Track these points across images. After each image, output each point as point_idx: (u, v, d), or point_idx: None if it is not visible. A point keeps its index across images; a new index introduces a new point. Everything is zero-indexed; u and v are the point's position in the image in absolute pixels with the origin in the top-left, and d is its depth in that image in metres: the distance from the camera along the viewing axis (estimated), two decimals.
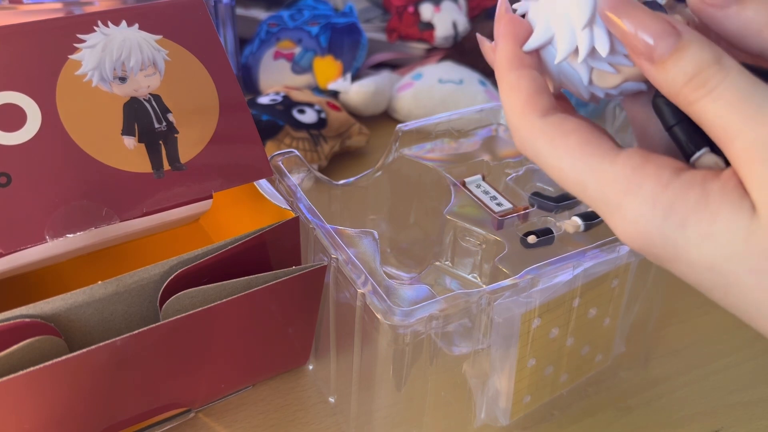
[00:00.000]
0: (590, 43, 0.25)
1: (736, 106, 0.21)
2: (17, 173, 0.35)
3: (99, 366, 0.34)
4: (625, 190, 0.23)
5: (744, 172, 0.21)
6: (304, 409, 0.44)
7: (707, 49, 0.22)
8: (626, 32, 0.23)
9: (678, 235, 0.22)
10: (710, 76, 0.22)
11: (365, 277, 0.36)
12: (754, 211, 0.21)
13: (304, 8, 0.75)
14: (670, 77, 0.23)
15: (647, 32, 0.23)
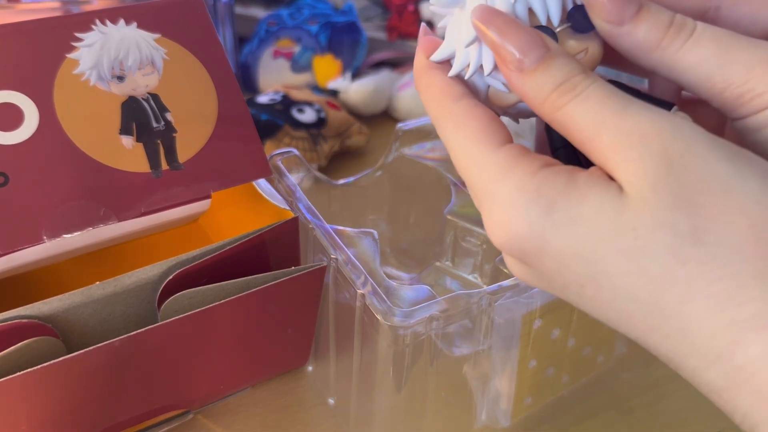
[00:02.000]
0: (477, 60, 0.25)
1: (603, 104, 0.22)
2: (15, 173, 0.35)
3: (97, 367, 0.34)
4: (498, 177, 0.23)
5: (611, 163, 0.22)
6: (304, 410, 0.44)
7: (574, 62, 0.23)
8: (495, 42, 0.24)
9: (545, 220, 0.22)
10: (578, 82, 0.23)
11: (365, 277, 0.35)
12: (622, 191, 0.21)
13: (303, 7, 0.75)
14: (537, 85, 0.23)
15: (516, 43, 0.23)
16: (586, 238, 0.21)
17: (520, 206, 0.22)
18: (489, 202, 0.23)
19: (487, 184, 0.23)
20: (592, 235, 0.21)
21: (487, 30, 0.24)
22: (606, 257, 0.21)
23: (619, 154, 0.21)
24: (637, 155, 0.21)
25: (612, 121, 0.22)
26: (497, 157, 0.23)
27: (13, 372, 0.31)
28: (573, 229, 0.22)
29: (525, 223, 0.22)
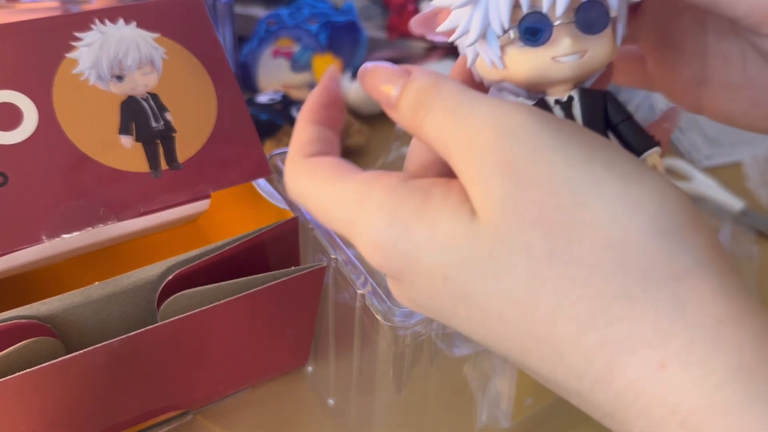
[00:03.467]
0: (464, 27, 0.24)
1: (448, 117, 0.21)
2: (14, 173, 0.35)
3: (96, 367, 0.34)
4: (357, 201, 0.22)
5: (463, 179, 0.21)
6: (303, 411, 0.44)
7: (426, 77, 0.22)
8: (371, 89, 0.24)
9: (405, 242, 0.21)
10: (425, 98, 0.22)
11: (365, 277, 0.35)
12: (474, 215, 0.20)
13: (303, 6, 0.75)
14: (402, 115, 0.23)
15: (384, 82, 0.23)
16: (447, 260, 0.20)
17: (381, 227, 0.21)
18: (355, 229, 0.22)
19: (349, 214, 0.22)
20: (451, 259, 0.20)
21: (363, 81, 0.24)
22: (469, 280, 0.20)
23: (465, 174, 0.20)
24: (479, 174, 0.20)
25: (456, 132, 0.21)
26: (353, 184, 0.23)
27: (12, 372, 0.31)
28: (433, 252, 0.21)
29: (390, 245, 0.21)
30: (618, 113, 0.24)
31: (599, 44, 0.23)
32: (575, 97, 0.23)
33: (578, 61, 0.23)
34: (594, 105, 0.23)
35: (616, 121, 0.24)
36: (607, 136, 0.24)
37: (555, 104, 0.24)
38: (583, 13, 0.23)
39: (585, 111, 0.23)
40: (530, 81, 0.24)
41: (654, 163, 0.23)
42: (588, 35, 0.23)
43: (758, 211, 0.65)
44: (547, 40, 0.23)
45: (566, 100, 0.23)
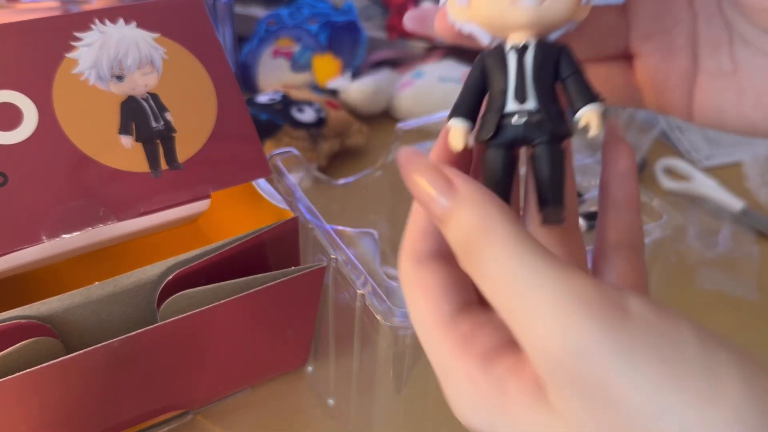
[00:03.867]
0: None
1: (503, 290, 0.20)
2: (13, 173, 0.35)
3: (96, 367, 0.34)
4: (443, 369, 0.22)
5: (535, 369, 0.20)
6: (303, 411, 0.44)
7: (477, 212, 0.21)
8: (410, 183, 0.22)
9: (489, 426, 0.21)
10: (477, 247, 0.20)
11: (365, 277, 0.35)
12: (550, 408, 0.20)
13: (303, 6, 0.75)
14: (451, 240, 0.22)
15: (427, 185, 0.22)
16: None
17: (464, 410, 0.22)
18: (445, 376, 0.22)
19: (439, 369, 0.23)
20: None
21: (402, 170, 0.22)
22: None
23: (537, 369, 0.19)
24: (554, 386, 0.19)
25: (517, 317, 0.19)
26: (444, 346, 0.22)
27: (12, 372, 0.31)
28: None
29: (476, 420, 0.22)
30: (568, 67, 0.23)
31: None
32: (530, 45, 0.23)
33: (536, 7, 0.23)
34: (546, 56, 0.23)
35: (564, 75, 0.23)
36: (555, 89, 0.24)
37: (510, 49, 0.23)
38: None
39: (537, 59, 0.23)
40: (490, 22, 0.24)
41: (588, 120, 0.23)
42: None
43: (758, 211, 0.65)
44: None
45: (521, 46, 0.23)
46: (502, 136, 0.23)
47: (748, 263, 0.58)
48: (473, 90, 0.24)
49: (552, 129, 0.23)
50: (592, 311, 0.19)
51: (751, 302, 0.54)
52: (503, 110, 0.23)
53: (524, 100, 0.23)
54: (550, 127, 0.23)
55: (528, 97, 0.23)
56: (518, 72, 0.23)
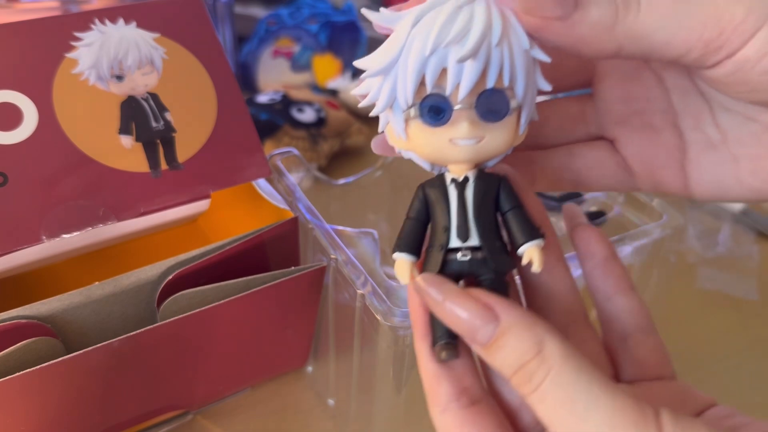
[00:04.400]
0: (374, 95, 0.24)
1: (561, 410, 0.21)
2: (13, 173, 0.35)
3: (96, 367, 0.34)
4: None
5: None
6: (303, 411, 0.44)
7: (527, 336, 0.21)
8: (444, 309, 0.22)
9: None
10: (532, 371, 0.21)
11: (365, 277, 0.35)
12: None
13: (303, 6, 0.75)
14: (497, 364, 0.22)
15: (466, 315, 0.22)
16: None
17: None
18: None
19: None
20: None
21: (436, 298, 0.22)
22: None
23: None
24: None
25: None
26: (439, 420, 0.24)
27: (12, 372, 0.31)
28: None
29: None
30: (508, 201, 0.24)
31: (498, 132, 0.23)
32: (470, 179, 0.24)
33: (475, 145, 0.23)
34: (487, 190, 0.24)
35: (505, 209, 0.24)
36: (497, 222, 0.24)
37: (451, 182, 0.24)
38: (483, 101, 0.23)
39: (477, 194, 0.24)
40: (429, 156, 0.24)
41: (531, 256, 0.24)
42: (487, 123, 0.23)
43: (758, 211, 0.65)
44: (446, 121, 0.23)
45: (462, 180, 0.24)
46: (447, 270, 0.24)
47: (748, 263, 0.58)
48: (416, 222, 0.25)
49: (495, 267, 0.24)
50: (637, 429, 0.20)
51: (751, 302, 0.54)
52: (447, 246, 0.24)
53: (467, 238, 0.24)
54: (493, 265, 0.24)
55: (471, 235, 0.24)
56: (460, 208, 0.24)
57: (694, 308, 0.53)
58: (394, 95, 0.23)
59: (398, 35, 0.23)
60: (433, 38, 0.22)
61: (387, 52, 0.23)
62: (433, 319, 0.24)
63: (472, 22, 0.22)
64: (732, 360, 0.49)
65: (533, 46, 0.23)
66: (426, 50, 0.22)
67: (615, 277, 0.26)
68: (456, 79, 0.22)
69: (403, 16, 0.23)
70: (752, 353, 0.50)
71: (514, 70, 0.23)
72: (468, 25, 0.22)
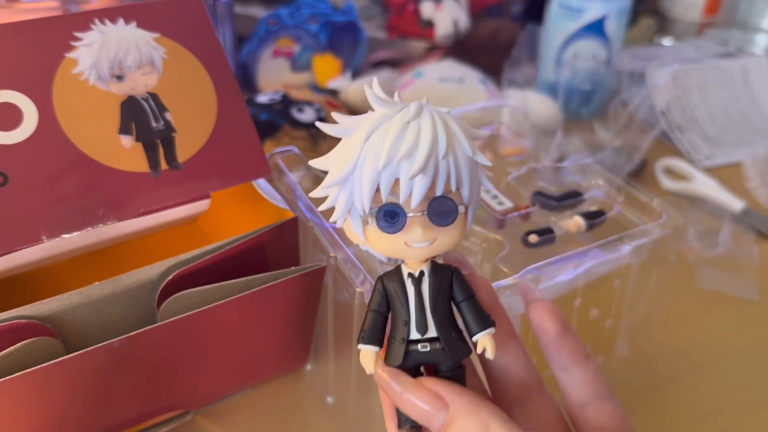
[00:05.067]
0: (333, 201, 0.26)
1: None
2: (14, 173, 0.35)
3: (96, 367, 0.34)
4: None
5: None
6: (303, 411, 0.44)
7: (474, 420, 0.24)
8: (401, 398, 0.25)
9: None
10: None
11: (363, 276, 0.35)
12: None
13: (303, 6, 0.75)
14: None
15: (420, 404, 0.25)
16: None
17: None
18: None
19: None
20: None
21: (396, 389, 0.25)
22: None
23: None
24: None
25: None
26: None
27: (12, 372, 0.31)
28: None
29: None
30: (461, 291, 0.26)
31: (448, 233, 0.26)
32: (425, 273, 0.26)
33: (428, 247, 0.26)
34: (441, 281, 0.26)
35: (458, 300, 0.26)
36: (452, 312, 0.26)
37: (408, 277, 0.26)
38: (433, 207, 0.25)
39: (433, 288, 0.26)
40: (386, 255, 0.27)
41: (485, 344, 0.26)
42: (435, 226, 0.25)
43: (758, 211, 0.65)
44: (401, 228, 0.25)
45: (418, 275, 0.26)
46: (409, 360, 0.26)
47: (748, 263, 0.58)
48: (377, 315, 0.27)
49: (452, 357, 0.26)
50: None
51: (751, 302, 0.54)
52: (408, 338, 0.26)
53: (426, 331, 0.26)
54: (450, 356, 0.26)
55: (429, 328, 0.26)
56: (417, 302, 0.26)
57: (694, 308, 0.53)
58: (351, 202, 0.25)
59: (351, 149, 0.25)
60: (384, 155, 0.24)
61: (341, 165, 0.25)
62: None
63: (419, 138, 0.24)
64: (732, 360, 0.49)
65: (475, 152, 0.25)
66: (379, 165, 0.24)
67: (568, 350, 0.28)
68: (408, 190, 0.24)
69: (355, 128, 0.25)
70: (752, 353, 0.50)
71: (460, 177, 0.25)
72: (416, 141, 0.24)
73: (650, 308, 0.46)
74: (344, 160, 0.25)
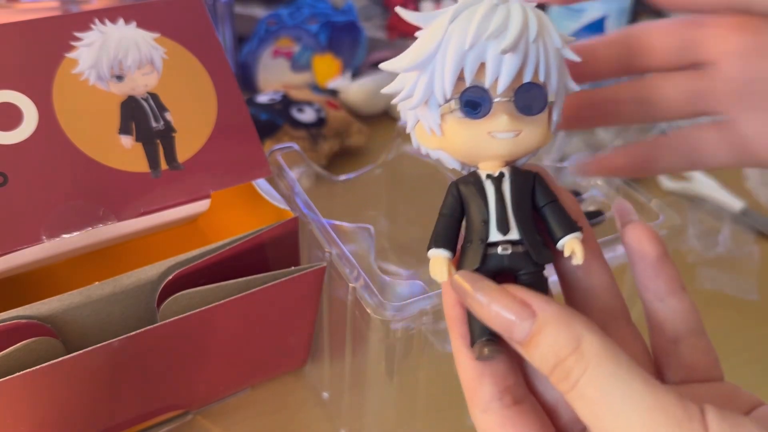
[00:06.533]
0: (410, 90, 0.24)
1: (600, 408, 0.20)
2: (14, 173, 0.35)
3: (96, 368, 0.34)
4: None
5: None
6: (303, 411, 0.44)
7: (564, 332, 0.21)
8: (482, 306, 0.22)
9: None
10: (570, 368, 0.21)
11: (357, 272, 0.35)
12: None
13: (303, 6, 0.75)
14: (536, 361, 0.21)
15: (504, 311, 0.22)
16: None
17: None
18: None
19: None
20: None
21: (475, 295, 0.22)
22: None
23: None
24: None
25: None
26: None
27: (12, 372, 0.31)
28: None
29: None
30: (544, 196, 0.24)
31: (534, 126, 0.24)
32: (506, 174, 0.24)
33: (513, 139, 0.23)
34: (524, 185, 0.24)
35: (542, 204, 0.24)
36: (534, 217, 0.24)
37: (487, 178, 0.24)
38: (522, 94, 0.23)
39: (514, 189, 0.24)
40: (465, 152, 0.24)
41: (573, 248, 0.24)
42: (524, 116, 0.23)
43: (758, 211, 0.65)
44: (485, 114, 0.23)
45: (497, 175, 0.24)
46: (487, 265, 0.24)
47: (748, 263, 0.58)
48: (451, 219, 0.24)
49: (536, 260, 0.24)
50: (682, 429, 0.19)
51: (751, 302, 0.54)
52: (487, 240, 0.24)
53: (507, 231, 0.23)
54: (535, 258, 0.23)
55: (511, 228, 0.23)
56: (498, 202, 0.24)
57: None
58: (431, 89, 0.23)
59: (434, 31, 0.23)
60: (472, 33, 0.22)
61: (423, 47, 0.23)
62: (471, 318, 0.24)
63: (510, 18, 0.22)
64: (732, 360, 0.49)
65: (565, 45, 0.23)
66: (465, 44, 0.22)
67: (667, 278, 0.25)
68: (495, 72, 0.23)
69: (438, 15, 0.23)
70: (752, 353, 0.50)
71: (549, 67, 0.23)
72: (506, 21, 0.22)
73: None
74: (426, 44, 0.23)
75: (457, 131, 0.24)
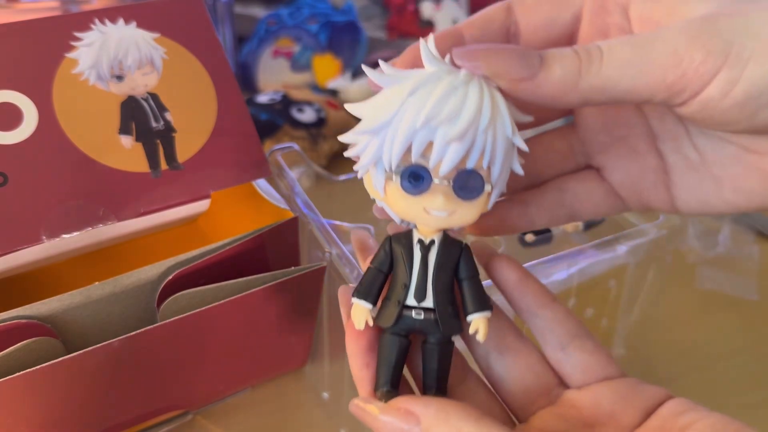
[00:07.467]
0: (361, 149, 0.25)
1: None
2: (14, 173, 0.35)
3: (96, 368, 0.34)
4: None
5: None
6: (303, 411, 0.44)
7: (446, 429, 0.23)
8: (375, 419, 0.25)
9: None
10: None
11: (358, 272, 0.35)
12: None
13: (303, 6, 0.75)
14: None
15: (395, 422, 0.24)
16: None
17: None
18: None
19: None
20: None
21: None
22: None
23: None
24: None
25: None
26: None
27: (12, 372, 0.31)
28: None
29: None
30: (466, 269, 0.26)
31: (469, 208, 0.25)
32: (436, 243, 0.26)
33: (446, 217, 0.25)
34: (449, 255, 0.26)
35: (462, 276, 0.26)
36: (452, 288, 0.26)
37: (417, 242, 0.26)
38: (461, 180, 0.24)
39: (439, 259, 0.25)
40: (402, 216, 0.26)
41: (477, 326, 0.25)
42: (458, 199, 0.25)
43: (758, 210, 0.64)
44: (423, 192, 0.24)
45: (428, 243, 0.26)
46: (400, 325, 0.26)
47: (748, 263, 0.58)
48: (378, 272, 0.26)
49: (443, 332, 0.26)
50: None
51: (751, 302, 0.54)
52: (404, 303, 0.26)
53: (423, 299, 0.25)
54: (441, 329, 0.25)
55: (427, 297, 0.25)
56: (421, 269, 0.26)
57: (694, 308, 0.53)
58: (380, 155, 0.25)
59: (393, 98, 0.24)
60: (425, 113, 0.23)
61: (379, 114, 0.24)
62: (379, 365, 0.26)
63: (464, 104, 0.23)
64: (732, 360, 0.49)
65: (515, 134, 0.24)
66: (417, 123, 0.23)
67: (533, 294, 0.27)
68: (440, 155, 0.24)
69: (401, 79, 0.24)
70: (752, 353, 0.50)
71: (494, 156, 0.24)
72: (460, 106, 0.23)
73: (647, 308, 0.46)
74: (383, 110, 0.24)
75: (396, 198, 0.25)
